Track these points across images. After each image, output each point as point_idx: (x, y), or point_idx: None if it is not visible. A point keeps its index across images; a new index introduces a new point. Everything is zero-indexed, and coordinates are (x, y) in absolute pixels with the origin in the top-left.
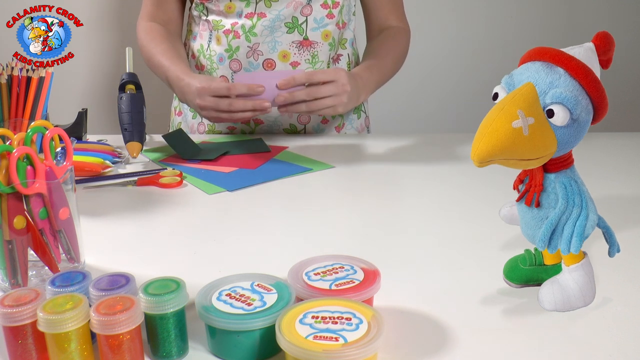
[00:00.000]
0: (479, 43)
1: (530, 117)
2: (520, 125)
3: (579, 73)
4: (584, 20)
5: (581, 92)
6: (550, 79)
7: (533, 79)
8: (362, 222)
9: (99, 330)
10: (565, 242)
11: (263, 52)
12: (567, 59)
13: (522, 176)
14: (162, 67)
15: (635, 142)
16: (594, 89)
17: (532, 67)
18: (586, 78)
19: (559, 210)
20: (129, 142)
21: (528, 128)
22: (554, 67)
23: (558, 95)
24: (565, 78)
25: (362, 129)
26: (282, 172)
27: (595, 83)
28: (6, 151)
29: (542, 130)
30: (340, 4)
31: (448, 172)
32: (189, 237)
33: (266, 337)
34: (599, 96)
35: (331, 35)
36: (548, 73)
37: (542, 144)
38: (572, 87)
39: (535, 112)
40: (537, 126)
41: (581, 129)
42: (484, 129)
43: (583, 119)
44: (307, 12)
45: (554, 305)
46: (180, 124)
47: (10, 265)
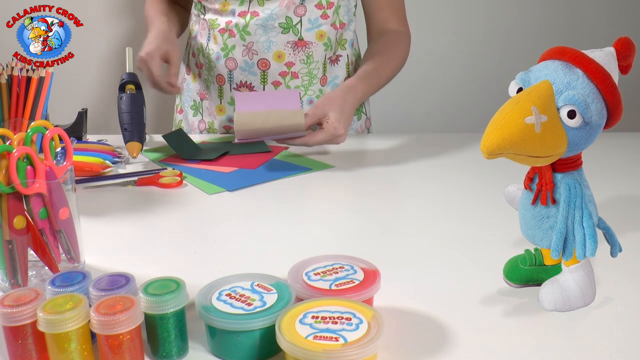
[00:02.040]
0: (479, 43)
1: (544, 115)
2: (533, 122)
3: (597, 76)
4: (584, 20)
5: (597, 95)
6: (568, 79)
7: (551, 77)
8: (362, 222)
9: (99, 330)
10: (580, 247)
11: (258, 52)
12: (586, 61)
13: (530, 174)
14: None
15: (635, 142)
16: (611, 94)
17: (551, 65)
18: (604, 82)
19: (562, 216)
20: (129, 142)
21: (540, 125)
22: (573, 67)
23: (571, 97)
24: (583, 80)
25: (362, 130)
26: (282, 172)
27: (612, 88)
28: (6, 151)
29: (554, 129)
30: (336, 4)
31: (448, 172)
32: (189, 237)
33: (266, 337)
34: (615, 101)
35: (326, 35)
36: (567, 73)
37: (552, 142)
38: (589, 90)
39: (549, 111)
40: (549, 125)
41: (593, 132)
42: (497, 121)
43: (596, 123)
44: (301, 12)
45: (554, 305)
46: (181, 121)
47: (10, 265)
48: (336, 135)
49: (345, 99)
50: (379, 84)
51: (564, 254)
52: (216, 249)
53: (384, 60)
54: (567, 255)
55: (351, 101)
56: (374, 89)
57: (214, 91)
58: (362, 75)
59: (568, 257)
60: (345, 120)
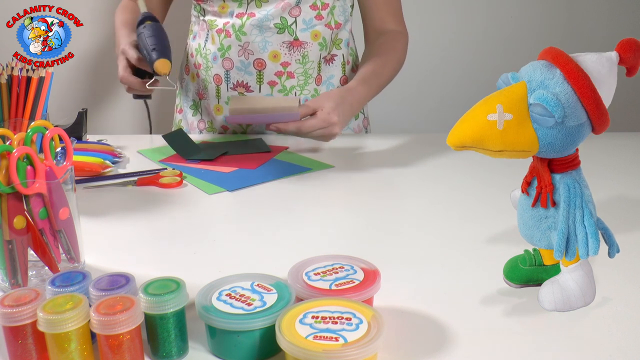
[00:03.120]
0: (479, 43)
1: (509, 114)
2: (495, 119)
3: (572, 77)
4: (584, 20)
5: (572, 96)
6: (543, 78)
7: (528, 76)
8: (362, 222)
9: (99, 330)
10: (582, 246)
11: (254, 52)
12: (564, 61)
13: (528, 178)
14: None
15: (635, 142)
16: (586, 96)
17: (536, 65)
18: (578, 83)
19: (563, 216)
20: (157, 60)
21: (503, 123)
22: (553, 67)
23: (540, 95)
24: (559, 80)
25: (359, 130)
26: (282, 172)
27: (589, 90)
28: (6, 151)
29: (519, 128)
30: (330, 5)
31: (448, 172)
32: (189, 237)
33: (266, 337)
34: (592, 104)
35: (321, 35)
36: (543, 72)
37: (515, 140)
38: (563, 90)
39: (516, 110)
40: (514, 123)
41: (571, 134)
42: (464, 116)
43: (572, 124)
44: (296, 13)
45: (554, 305)
46: (180, 121)
47: (10, 265)
48: (329, 122)
49: (343, 96)
50: (379, 85)
51: (567, 254)
52: (216, 249)
53: (382, 62)
54: (570, 255)
55: (349, 100)
56: (375, 91)
57: (212, 91)
58: (362, 78)
59: (571, 257)
60: (340, 112)
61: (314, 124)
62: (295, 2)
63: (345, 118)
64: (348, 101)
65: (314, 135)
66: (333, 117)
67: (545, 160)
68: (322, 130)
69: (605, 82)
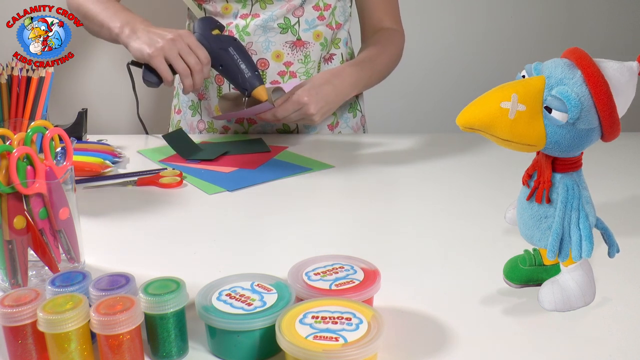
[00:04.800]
0: (478, 43)
1: (523, 105)
2: (508, 107)
3: (591, 80)
4: (584, 21)
5: (588, 99)
6: (562, 76)
7: (548, 72)
8: (362, 222)
9: (99, 330)
10: (576, 248)
11: (257, 52)
12: (587, 64)
13: (530, 171)
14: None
15: (635, 142)
16: (603, 103)
17: (558, 62)
18: (597, 88)
19: (559, 216)
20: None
21: (515, 113)
22: (575, 68)
23: (562, 91)
24: (578, 80)
25: (357, 128)
26: (282, 172)
27: (606, 97)
28: (6, 151)
29: (530, 120)
30: (332, 5)
31: (449, 172)
32: (189, 237)
33: (266, 337)
34: (606, 111)
35: (322, 35)
36: (564, 71)
37: (524, 132)
38: (580, 91)
39: (530, 102)
40: (526, 115)
41: (579, 136)
42: (478, 99)
43: (582, 127)
44: (299, 13)
45: (554, 305)
46: (179, 122)
47: (10, 265)
48: (301, 103)
49: (325, 77)
50: (372, 70)
51: (559, 255)
52: (216, 249)
53: (378, 50)
54: (563, 257)
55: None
56: (367, 74)
57: (213, 91)
58: (353, 62)
59: (564, 258)
60: (315, 93)
61: (287, 107)
62: (300, 3)
63: (328, 98)
64: (331, 82)
65: (292, 118)
66: (303, 98)
67: (550, 157)
68: (297, 113)
69: (623, 92)
